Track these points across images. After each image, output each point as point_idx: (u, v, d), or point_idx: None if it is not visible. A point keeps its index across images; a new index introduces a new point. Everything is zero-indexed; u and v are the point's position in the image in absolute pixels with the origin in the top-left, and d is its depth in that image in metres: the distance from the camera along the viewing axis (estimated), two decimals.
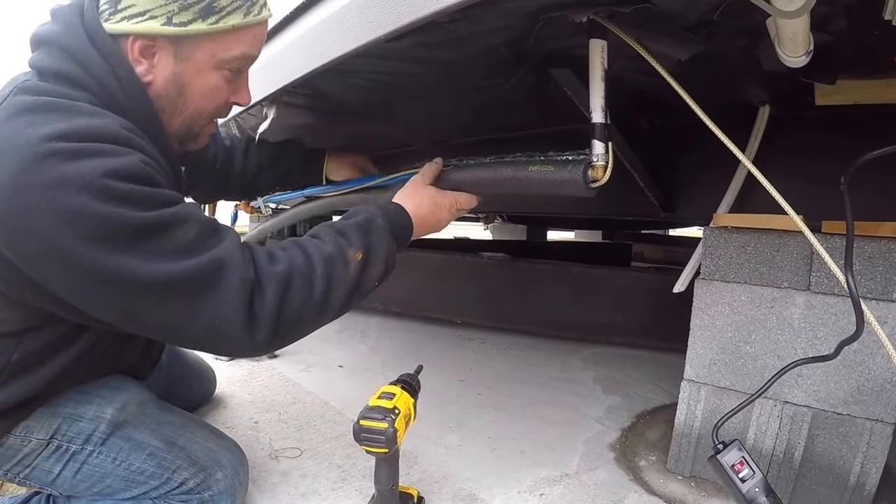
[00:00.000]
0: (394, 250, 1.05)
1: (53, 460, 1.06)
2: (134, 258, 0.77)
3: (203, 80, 0.97)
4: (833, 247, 1.12)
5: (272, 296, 0.86)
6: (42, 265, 0.79)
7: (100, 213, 0.74)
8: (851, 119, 1.44)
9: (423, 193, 1.16)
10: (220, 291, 0.82)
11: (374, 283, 1.01)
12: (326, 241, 0.97)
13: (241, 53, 0.97)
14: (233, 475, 1.14)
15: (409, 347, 2.60)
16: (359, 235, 0.99)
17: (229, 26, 0.91)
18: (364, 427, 0.98)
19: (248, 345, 0.85)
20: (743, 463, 0.92)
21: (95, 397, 1.11)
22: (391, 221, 1.06)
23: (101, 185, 0.75)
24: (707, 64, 1.08)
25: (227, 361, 2.21)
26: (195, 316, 0.81)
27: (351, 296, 0.96)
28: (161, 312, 0.81)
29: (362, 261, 0.97)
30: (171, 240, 0.80)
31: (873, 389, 1.13)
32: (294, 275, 0.89)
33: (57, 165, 0.74)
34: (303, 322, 0.91)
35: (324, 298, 0.92)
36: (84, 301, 0.82)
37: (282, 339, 0.90)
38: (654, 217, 1.94)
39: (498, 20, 0.98)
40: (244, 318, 0.83)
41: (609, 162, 0.99)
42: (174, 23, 0.88)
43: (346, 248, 0.96)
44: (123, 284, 0.77)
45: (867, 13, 0.86)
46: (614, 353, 2.51)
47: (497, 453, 1.52)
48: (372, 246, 0.99)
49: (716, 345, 1.31)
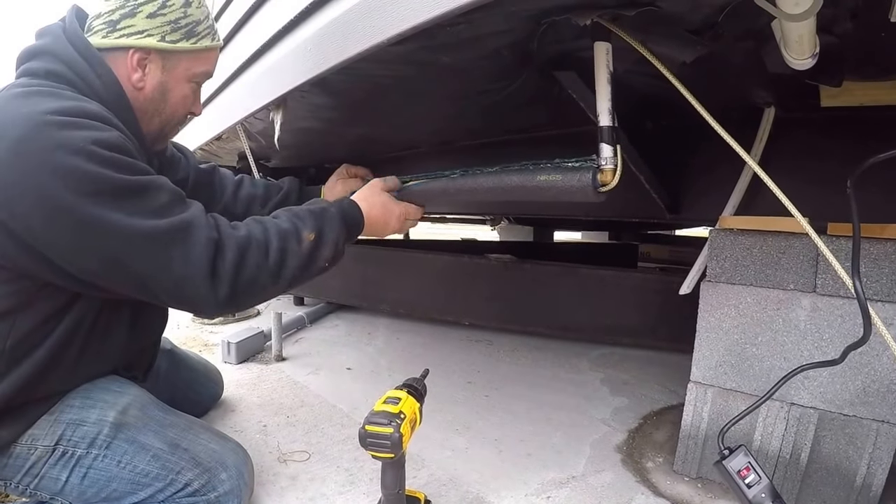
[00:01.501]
0: (344, 238, 1.17)
1: (60, 467, 1.09)
2: (117, 212, 0.91)
3: (180, 89, 1.18)
4: (839, 249, 1.12)
5: (232, 256, 0.99)
6: (36, 220, 0.90)
7: (90, 172, 0.89)
8: (857, 121, 1.44)
9: (377, 197, 1.32)
10: (189, 246, 0.95)
11: (324, 263, 1.13)
12: (283, 219, 1.11)
13: (205, 70, 1.20)
14: (237, 476, 1.16)
15: (416, 349, 2.60)
16: (313, 219, 1.12)
17: (203, 46, 1.15)
18: (369, 432, 0.98)
19: (211, 299, 0.97)
20: (749, 468, 0.92)
21: (98, 402, 1.14)
22: (344, 212, 1.19)
23: (91, 150, 0.90)
24: (711, 66, 1.08)
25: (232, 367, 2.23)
26: (166, 268, 0.94)
27: (302, 269, 1.09)
28: (137, 263, 0.94)
29: (314, 241, 1.10)
30: (148, 201, 0.95)
31: (879, 391, 1.13)
32: (252, 241, 1.02)
33: (53, 132, 0.89)
34: (258, 285, 1.03)
35: (277, 267, 1.04)
36: (71, 252, 0.94)
37: (239, 297, 1.01)
38: (660, 219, 1.93)
39: (500, 24, 0.98)
40: (207, 272, 0.96)
41: (618, 165, 0.99)
42: (167, 40, 1.10)
43: (300, 228, 1.09)
44: (108, 233, 0.91)
45: (873, 15, 0.86)
46: (621, 353, 2.51)
47: (504, 455, 1.52)
48: (324, 230, 1.12)
49: (722, 347, 1.31)
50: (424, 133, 2.21)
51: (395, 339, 2.74)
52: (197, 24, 1.13)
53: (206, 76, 1.22)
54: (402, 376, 1.18)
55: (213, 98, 2.00)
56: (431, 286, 2.87)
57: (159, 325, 1.41)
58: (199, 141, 2.25)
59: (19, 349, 1.03)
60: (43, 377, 1.07)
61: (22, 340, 1.03)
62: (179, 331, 2.86)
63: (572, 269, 2.57)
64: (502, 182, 1.17)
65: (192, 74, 1.17)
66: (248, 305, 1.10)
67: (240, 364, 2.29)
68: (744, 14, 0.85)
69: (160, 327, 1.43)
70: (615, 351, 2.55)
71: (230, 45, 1.81)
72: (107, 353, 1.19)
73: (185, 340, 2.64)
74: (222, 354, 2.33)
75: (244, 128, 1.94)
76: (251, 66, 1.59)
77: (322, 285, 3.18)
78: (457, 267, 2.82)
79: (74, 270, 0.96)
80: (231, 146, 2.48)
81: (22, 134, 0.88)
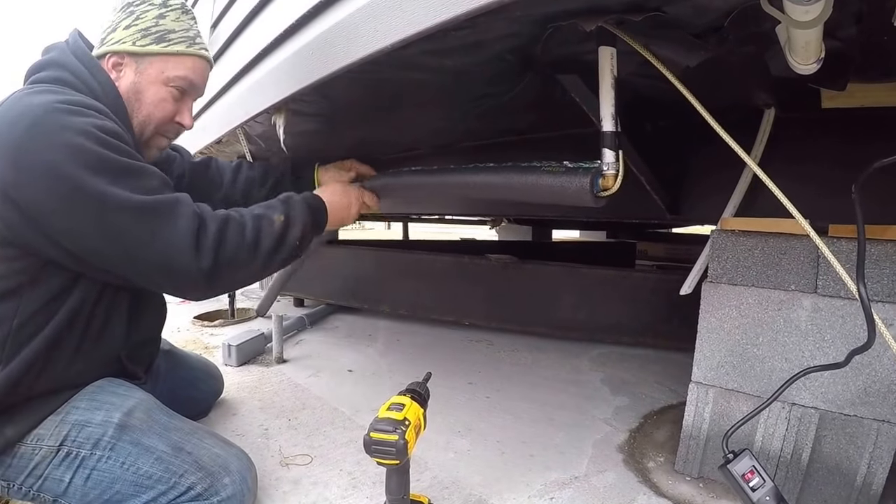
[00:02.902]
0: (311, 220, 1.29)
1: (64, 467, 1.10)
2: (117, 188, 1.01)
3: (154, 91, 1.25)
4: (839, 250, 1.13)
5: (213, 230, 1.09)
6: (42, 192, 0.99)
7: (93, 150, 1.00)
8: (857, 121, 1.44)
9: (335, 184, 1.51)
10: (175, 218, 1.05)
11: (296, 241, 1.24)
12: (255, 207, 1.24)
13: (184, 75, 1.26)
14: (240, 481, 1.16)
15: (417, 350, 2.61)
16: (280, 205, 1.26)
17: (174, 50, 1.24)
18: (374, 439, 0.98)
19: (194, 270, 1.06)
20: (753, 472, 0.93)
21: (104, 404, 1.16)
22: (306, 199, 1.32)
23: (94, 133, 1.02)
24: (714, 69, 1.08)
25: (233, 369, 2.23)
26: (156, 236, 1.03)
27: (276, 248, 1.19)
28: (128, 233, 1.02)
29: (284, 222, 1.22)
30: (142, 182, 1.05)
31: (880, 391, 1.14)
32: (230, 221, 1.14)
33: (62, 117, 1.01)
34: (238, 261, 1.13)
35: (254, 243, 1.15)
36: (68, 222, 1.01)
37: (221, 271, 1.10)
38: (661, 219, 1.94)
39: (506, 28, 0.98)
40: (191, 243, 1.05)
41: (620, 171, 0.99)
42: (137, 45, 1.21)
43: (270, 213, 1.22)
44: (107, 203, 1.00)
45: (876, 19, 0.86)
46: (621, 353, 2.52)
47: (506, 457, 1.53)
48: (291, 213, 1.25)
49: (723, 347, 1.32)
50: (425, 135, 2.21)
51: (395, 341, 2.75)
52: (170, 32, 1.23)
53: (185, 82, 1.27)
54: (404, 378, 1.19)
55: (213, 102, 2.00)
56: (431, 287, 2.87)
57: (157, 319, 1.45)
58: (199, 145, 2.25)
59: (25, 331, 1.08)
60: (46, 362, 1.11)
61: (28, 321, 1.08)
62: (179, 334, 2.86)
63: (572, 269, 2.58)
64: (497, 180, 1.16)
65: (166, 78, 1.25)
66: (230, 282, 1.19)
67: (240, 366, 2.29)
68: (749, 19, 0.86)
69: (159, 322, 1.46)
70: (615, 350, 2.56)
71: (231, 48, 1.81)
72: (107, 341, 1.22)
73: (186, 343, 2.64)
74: (223, 357, 2.33)
75: (244, 131, 1.94)
76: (253, 69, 1.59)
77: (322, 286, 3.19)
78: (457, 267, 2.83)
79: (73, 244, 1.04)
80: (231, 150, 2.48)
81: (34, 118, 0.99)
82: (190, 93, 1.31)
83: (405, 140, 2.32)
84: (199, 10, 2.25)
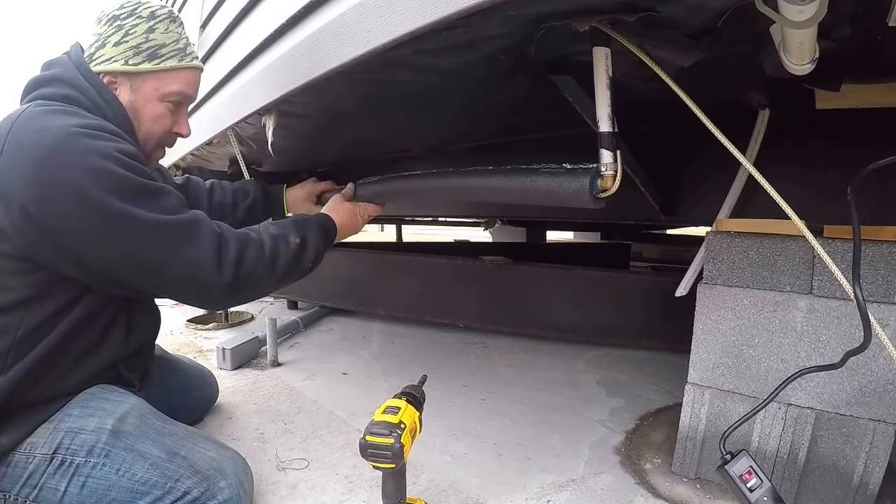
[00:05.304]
0: (323, 241, 1.37)
1: (59, 476, 1.09)
2: (139, 208, 1.04)
3: (151, 108, 1.26)
4: (835, 251, 1.13)
5: (234, 246, 1.15)
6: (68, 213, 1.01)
7: (116, 173, 1.03)
8: (852, 122, 1.45)
9: (342, 206, 1.56)
10: (198, 237, 1.10)
11: (309, 263, 1.32)
12: (273, 227, 1.29)
13: (178, 90, 1.27)
14: (237, 484, 1.16)
15: (411, 353, 2.60)
16: (296, 227, 1.32)
17: (167, 66, 1.24)
18: (370, 443, 0.97)
19: (217, 282, 1.11)
20: (751, 472, 0.93)
21: (97, 410, 1.16)
22: (320, 221, 1.41)
23: (116, 156, 1.04)
24: (708, 69, 1.08)
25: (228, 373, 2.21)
26: (179, 254, 1.08)
27: (291, 266, 1.26)
28: (153, 250, 1.06)
29: (300, 244, 1.28)
30: (162, 202, 1.09)
31: (876, 391, 1.14)
32: (250, 239, 1.20)
33: (84, 140, 1.03)
34: (256, 276, 1.18)
35: (272, 261, 1.21)
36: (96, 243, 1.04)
37: (240, 284, 1.15)
38: (655, 221, 1.94)
39: (498, 28, 0.97)
40: (214, 258, 1.10)
41: (618, 171, 0.98)
42: (129, 63, 1.21)
43: (287, 233, 1.28)
44: (131, 223, 1.03)
45: (871, 20, 0.86)
46: (617, 354, 2.52)
47: (503, 460, 1.52)
48: (307, 235, 1.32)
49: (719, 348, 1.32)
50: (418, 136, 2.20)
51: (390, 343, 2.74)
52: (161, 47, 1.23)
53: (180, 96, 1.29)
54: (398, 380, 1.19)
55: (203, 104, 1.99)
56: (426, 289, 2.86)
57: (153, 326, 1.44)
58: (190, 146, 2.23)
59: (28, 340, 1.09)
60: (46, 369, 1.12)
61: (32, 331, 1.10)
62: (173, 337, 2.84)
63: (566, 271, 2.57)
64: (497, 183, 1.16)
65: (161, 94, 1.26)
66: (248, 294, 1.23)
67: (235, 370, 2.27)
68: (743, 19, 0.86)
69: (155, 329, 1.46)
70: (610, 352, 2.55)
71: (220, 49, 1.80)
72: (106, 349, 1.23)
73: (179, 346, 2.63)
74: (217, 360, 2.31)
75: (235, 133, 1.93)
76: (243, 70, 1.58)
77: (316, 289, 3.17)
78: (451, 269, 2.82)
79: (94, 260, 1.07)
80: (222, 151, 2.46)
81: (56, 139, 1.01)
82: (185, 103, 1.33)
83: (398, 141, 2.32)
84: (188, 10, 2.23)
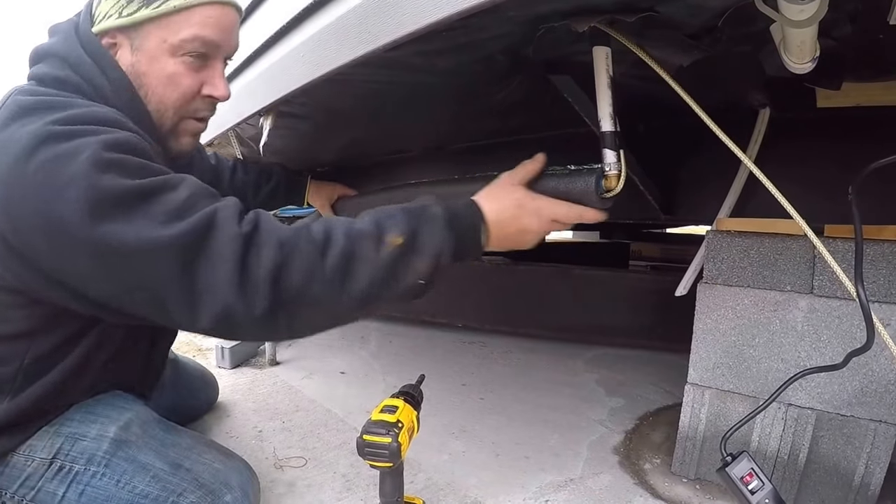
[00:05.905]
0: (450, 248, 0.85)
1: (57, 482, 1.05)
2: (128, 224, 0.75)
3: (160, 68, 0.98)
4: (836, 250, 1.12)
5: (270, 254, 0.76)
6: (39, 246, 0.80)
7: (92, 183, 0.75)
8: (853, 121, 1.44)
9: (507, 194, 0.96)
10: (212, 247, 0.76)
11: (415, 279, 0.83)
12: (363, 218, 0.85)
13: (193, 35, 0.96)
14: (242, 497, 1.11)
15: (409, 352, 2.59)
16: (404, 219, 0.84)
17: (171, 7, 0.93)
18: (367, 442, 0.97)
19: (240, 311, 0.75)
20: (752, 474, 0.92)
21: (99, 416, 1.10)
22: (452, 213, 0.88)
23: (97, 157, 0.76)
24: (708, 68, 1.07)
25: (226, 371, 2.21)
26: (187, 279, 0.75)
27: (376, 283, 0.80)
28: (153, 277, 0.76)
29: (401, 247, 0.81)
30: (161, 205, 0.78)
31: (877, 391, 1.13)
32: (301, 239, 0.79)
33: (56, 146, 0.77)
34: (309, 298, 0.78)
35: (340, 275, 0.78)
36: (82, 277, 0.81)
37: (284, 312, 0.78)
38: (655, 220, 1.94)
39: (497, 28, 0.97)
40: (234, 281, 0.74)
41: (622, 170, 0.97)
42: (124, 15, 0.94)
43: (384, 228, 0.82)
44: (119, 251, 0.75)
45: (872, 18, 0.86)
46: (616, 354, 2.51)
47: (501, 459, 1.52)
48: (418, 234, 0.83)
49: (719, 348, 1.31)
50: (416, 137, 2.20)
51: (387, 343, 2.73)
52: None
53: (199, 42, 0.98)
54: (396, 379, 1.18)
55: None
56: None
57: (171, 341, 1.41)
58: None
59: (36, 367, 0.99)
60: (60, 393, 1.04)
61: (40, 359, 0.99)
62: None
63: (565, 270, 2.57)
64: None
65: (171, 46, 0.96)
66: (302, 328, 0.85)
67: (234, 369, 2.27)
68: (743, 19, 0.85)
69: (171, 343, 1.42)
70: (609, 352, 2.55)
71: None
72: (124, 372, 1.17)
73: (179, 345, 2.61)
74: (216, 359, 2.31)
75: (236, 133, 1.92)
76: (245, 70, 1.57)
77: None
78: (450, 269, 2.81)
79: (93, 294, 0.83)
80: (223, 152, 2.45)
81: (24, 150, 0.77)
82: (213, 54, 1.02)
83: (396, 141, 2.31)
84: None
